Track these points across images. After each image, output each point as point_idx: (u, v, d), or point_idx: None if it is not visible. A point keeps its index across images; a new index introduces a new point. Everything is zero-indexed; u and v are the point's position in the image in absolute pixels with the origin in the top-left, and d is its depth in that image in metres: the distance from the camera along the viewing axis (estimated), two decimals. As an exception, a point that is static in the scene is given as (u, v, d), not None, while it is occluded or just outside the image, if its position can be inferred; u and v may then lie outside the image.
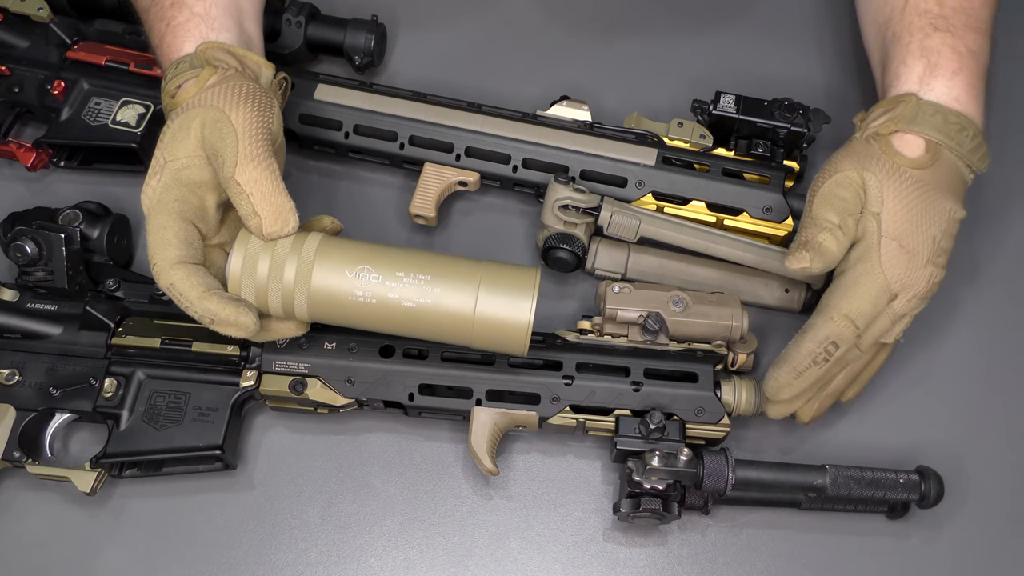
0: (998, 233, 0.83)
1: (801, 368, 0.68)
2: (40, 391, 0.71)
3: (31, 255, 0.71)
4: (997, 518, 0.73)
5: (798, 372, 0.68)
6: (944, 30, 0.71)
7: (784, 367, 0.69)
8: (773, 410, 0.71)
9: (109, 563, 0.71)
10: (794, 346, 0.69)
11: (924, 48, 0.71)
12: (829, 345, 0.67)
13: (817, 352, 0.68)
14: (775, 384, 0.69)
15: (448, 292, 0.64)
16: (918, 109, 0.69)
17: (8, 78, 0.81)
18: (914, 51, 0.72)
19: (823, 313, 0.68)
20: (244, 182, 0.63)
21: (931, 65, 0.71)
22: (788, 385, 0.68)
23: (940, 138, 0.69)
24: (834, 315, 0.67)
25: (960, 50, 0.71)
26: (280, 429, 0.75)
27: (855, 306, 0.67)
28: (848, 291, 0.68)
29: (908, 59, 0.72)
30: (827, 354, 0.67)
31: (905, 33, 0.73)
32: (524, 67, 0.90)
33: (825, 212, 0.68)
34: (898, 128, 0.69)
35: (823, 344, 0.67)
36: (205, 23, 0.69)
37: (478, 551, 0.72)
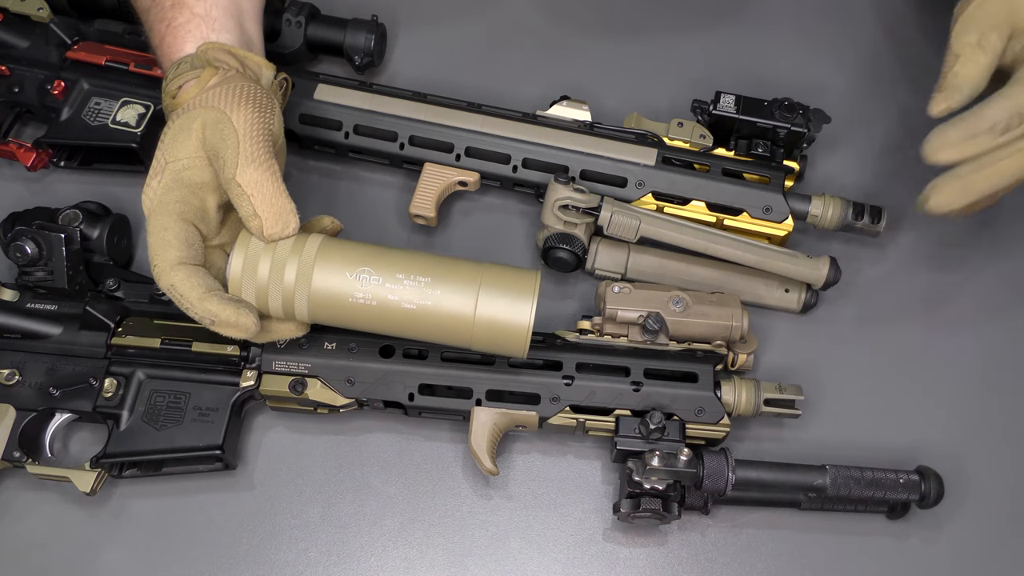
0: (999, 234, 0.83)
1: (977, 131, 0.62)
2: (40, 391, 0.71)
3: (31, 255, 0.71)
4: (997, 518, 0.73)
5: (972, 134, 0.62)
6: None
7: (958, 125, 0.63)
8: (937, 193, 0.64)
9: (109, 563, 0.71)
10: (977, 109, 0.63)
11: None
12: (1015, 116, 0.62)
13: (999, 119, 0.62)
14: (941, 140, 0.63)
15: (448, 294, 0.64)
16: None
17: (8, 78, 0.81)
18: None
19: (1017, 83, 0.63)
20: (245, 183, 0.63)
21: None
22: (955, 146, 0.63)
23: None
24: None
25: None
26: (280, 429, 0.75)
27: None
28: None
29: None
30: (1008, 125, 0.62)
31: None
32: (524, 67, 0.90)
33: (963, 36, 0.64)
34: None
35: (1010, 111, 0.62)
36: (206, 24, 0.69)
37: (478, 551, 0.72)
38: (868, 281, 0.81)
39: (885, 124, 0.87)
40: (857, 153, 0.87)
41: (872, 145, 0.87)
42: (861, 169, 0.86)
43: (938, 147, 0.63)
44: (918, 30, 0.87)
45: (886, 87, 0.90)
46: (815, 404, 0.76)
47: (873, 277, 0.82)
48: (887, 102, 0.89)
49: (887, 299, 0.81)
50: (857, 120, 0.88)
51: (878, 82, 0.90)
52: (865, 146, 0.87)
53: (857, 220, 0.78)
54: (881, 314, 0.80)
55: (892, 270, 0.82)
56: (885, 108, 0.89)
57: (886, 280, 0.81)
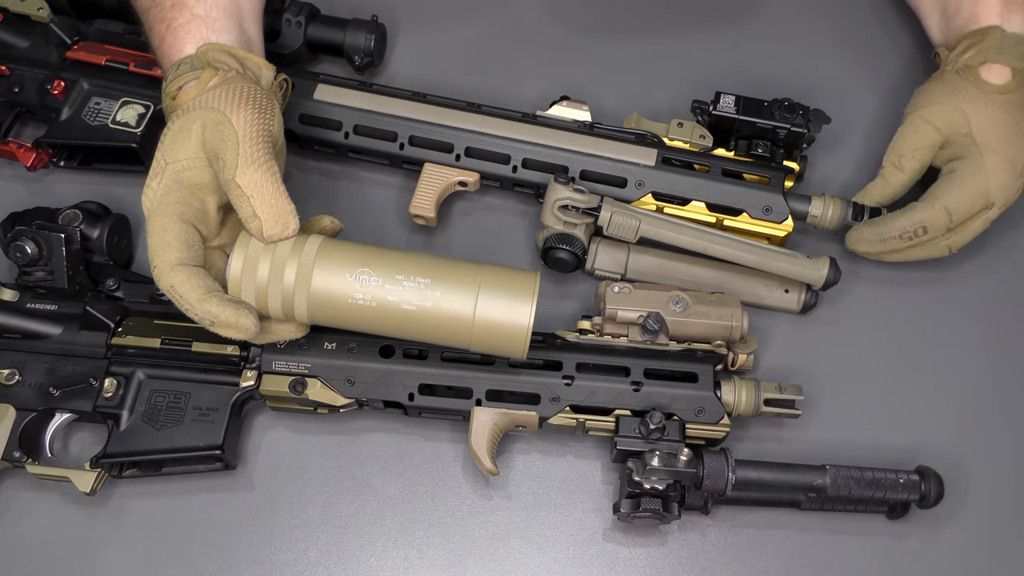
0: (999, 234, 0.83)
1: (887, 236, 0.75)
2: (40, 391, 0.71)
3: (31, 255, 0.71)
4: (997, 518, 0.73)
5: (882, 238, 0.75)
6: None
7: (873, 228, 0.76)
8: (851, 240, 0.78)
9: (109, 563, 0.71)
10: (890, 218, 0.76)
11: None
12: (920, 228, 0.74)
13: (907, 230, 0.75)
14: (857, 235, 0.77)
15: (448, 295, 0.64)
16: (1003, 41, 0.75)
17: (8, 78, 0.81)
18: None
19: (926, 200, 0.75)
20: (244, 184, 0.63)
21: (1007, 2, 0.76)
22: (868, 242, 0.76)
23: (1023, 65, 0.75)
24: (935, 205, 0.74)
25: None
26: (280, 429, 0.75)
27: (956, 201, 0.74)
28: (953, 187, 0.74)
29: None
30: (915, 235, 0.75)
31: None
32: (524, 67, 0.90)
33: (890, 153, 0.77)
34: (986, 59, 0.75)
35: (916, 226, 0.74)
36: (206, 24, 0.69)
37: (478, 551, 0.72)
38: (868, 281, 0.81)
39: (885, 125, 0.86)
40: (857, 153, 0.87)
41: (872, 145, 0.86)
42: (861, 169, 0.86)
43: (855, 241, 0.78)
44: (918, 30, 0.87)
45: (886, 87, 0.90)
46: (815, 404, 0.76)
47: (873, 277, 0.82)
48: (887, 102, 0.89)
49: (887, 299, 0.81)
50: (857, 120, 0.88)
51: (878, 82, 0.90)
52: (865, 146, 0.87)
53: (857, 220, 0.78)
54: (881, 314, 0.81)
55: (892, 270, 0.82)
56: (885, 108, 0.89)
57: (886, 280, 0.81)
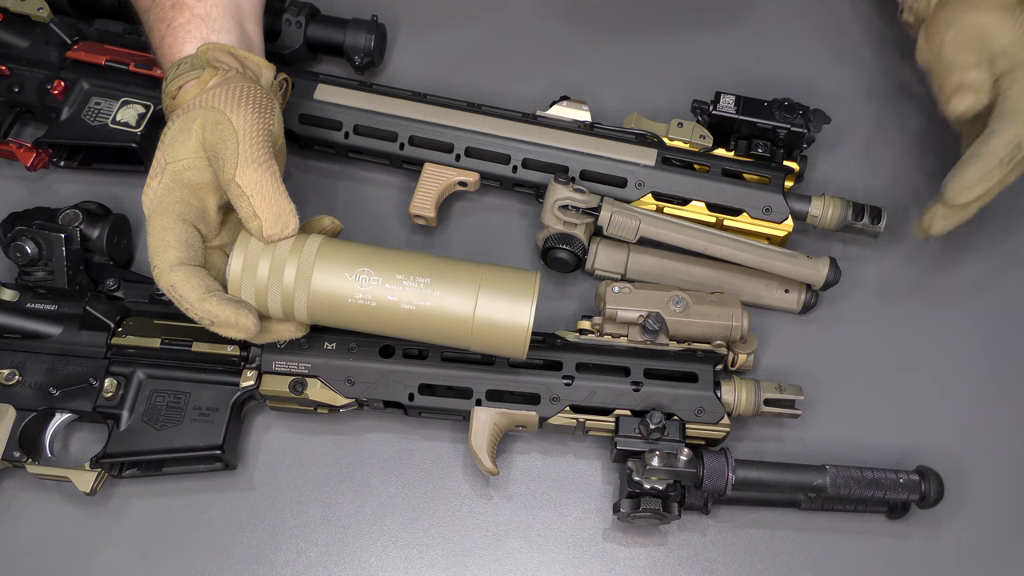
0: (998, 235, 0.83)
1: (990, 167, 0.70)
2: (40, 391, 0.71)
3: (31, 255, 0.71)
4: (997, 518, 0.73)
5: (987, 171, 0.70)
6: None
7: (972, 166, 0.70)
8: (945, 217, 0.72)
9: (109, 563, 0.71)
10: (982, 147, 0.70)
11: None
12: (1016, 146, 0.69)
13: (1004, 153, 0.69)
14: (961, 184, 0.70)
15: (448, 295, 0.64)
16: None
17: (8, 78, 0.81)
18: None
19: (1007, 115, 0.70)
20: (244, 184, 0.63)
21: None
22: (975, 185, 0.70)
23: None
24: (1016, 119, 0.69)
25: None
26: (280, 429, 0.75)
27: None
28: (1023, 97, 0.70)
29: None
30: (1012, 155, 0.69)
31: None
32: (524, 67, 0.90)
33: (960, 56, 0.71)
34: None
35: (1011, 144, 0.69)
36: (206, 24, 0.69)
37: (478, 551, 0.72)
38: (868, 281, 0.81)
39: (885, 124, 0.87)
40: (857, 153, 0.87)
41: (872, 145, 0.87)
42: (861, 169, 0.86)
43: (960, 189, 0.71)
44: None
45: (886, 87, 0.90)
46: (815, 404, 0.76)
47: (873, 277, 0.82)
48: (887, 102, 0.89)
49: (887, 299, 0.81)
50: (857, 120, 0.88)
51: (878, 82, 0.90)
52: (865, 146, 0.87)
53: (857, 220, 0.78)
54: (881, 314, 0.81)
55: (892, 270, 0.82)
56: (884, 108, 0.89)
57: (886, 280, 0.81)
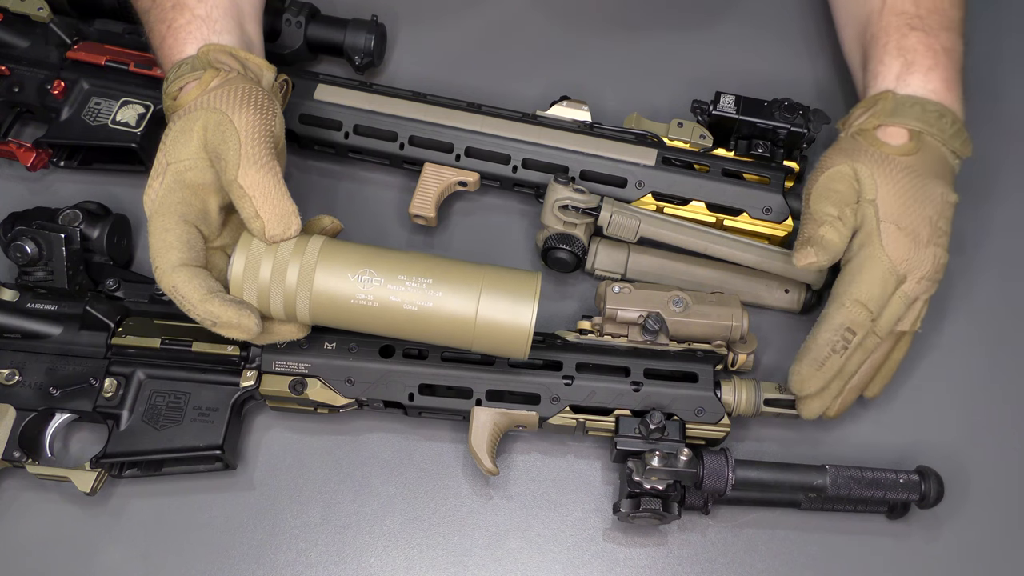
0: (998, 234, 0.83)
1: (821, 358, 0.69)
2: (40, 391, 0.71)
3: (31, 255, 0.71)
4: (997, 518, 0.73)
5: (819, 363, 0.69)
6: (920, 29, 0.74)
7: (805, 360, 0.70)
8: (805, 408, 0.71)
9: (109, 563, 0.71)
10: (811, 338, 0.70)
11: (901, 47, 0.74)
12: (845, 332, 0.68)
13: (835, 340, 0.69)
14: (798, 378, 0.70)
15: (450, 296, 0.64)
16: (896, 103, 0.72)
17: (8, 78, 0.81)
18: (891, 51, 0.74)
19: (835, 301, 0.70)
20: (246, 185, 0.63)
21: (908, 63, 0.73)
22: (811, 377, 0.69)
23: (921, 126, 0.71)
24: (845, 301, 0.69)
25: (935, 47, 0.73)
26: (280, 429, 0.75)
27: (864, 290, 0.68)
28: (856, 277, 0.69)
29: (886, 58, 0.74)
30: (845, 341, 0.69)
31: (883, 34, 0.75)
32: (524, 67, 0.90)
33: (823, 206, 0.70)
34: (880, 122, 0.72)
35: (839, 332, 0.69)
36: (206, 25, 0.69)
37: (478, 551, 0.72)
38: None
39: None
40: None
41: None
42: (861, 169, 0.86)
43: (800, 383, 0.70)
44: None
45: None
46: (815, 404, 0.76)
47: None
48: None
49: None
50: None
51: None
52: (865, 146, 0.87)
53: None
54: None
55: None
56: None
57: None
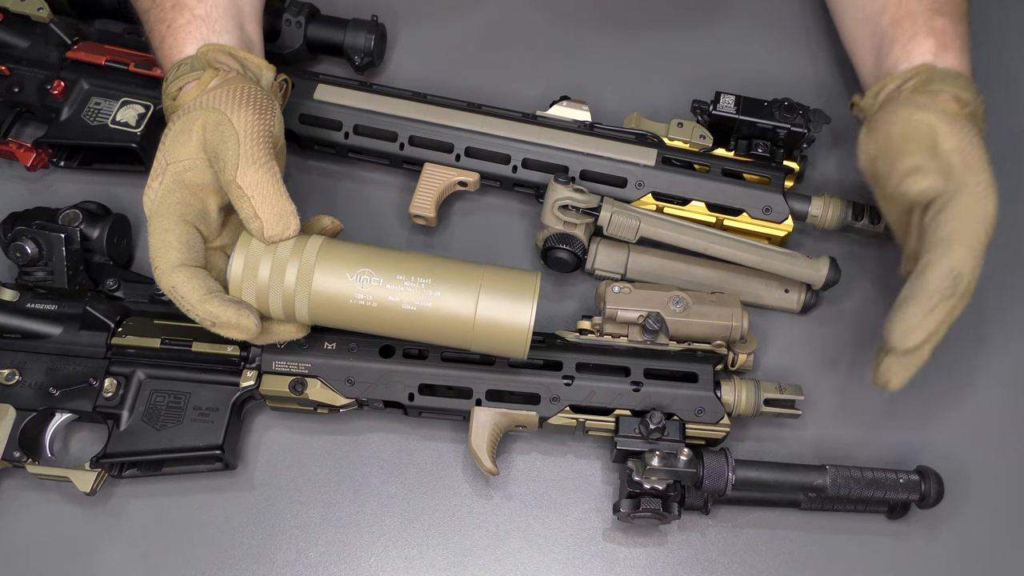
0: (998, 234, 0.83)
1: (932, 304, 0.64)
2: (40, 391, 0.71)
3: (31, 255, 0.71)
4: (997, 518, 0.73)
5: (929, 309, 0.64)
6: (945, 15, 0.75)
7: (914, 306, 0.65)
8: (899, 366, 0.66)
9: (109, 563, 0.71)
10: (917, 286, 0.66)
11: (931, 29, 0.74)
12: (955, 277, 0.65)
13: (944, 286, 0.64)
14: (906, 325, 0.65)
15: (449, 295, 0.64)
16: (941, 74, 0.72)
17: (8, 78, 0.81)
18: (922, 31, 0.74)
19: (940, 246, 0.66)
20: (245, 185, 0.63)
21: (941, 43, 0.73)
22: (920, 325, 0.65)
23: (970, 97, 0.71)
24: (953, 245, 0.65)
25: (961, 33, 0.74)
26: (280, 429, 0.75)
27: (969, 235, 0.66)
28: (958, 221, 0.66)
29: (918, 37, 0.74)
30: (954, 287, 0.64)
31: (907, 18, 0.75)
32: (524, 67, 0.90)
33: (910, 144, 0.68)
34: (930, 88, 0.71)
35: (948, 276, 0.65)
36: (206, 25, 0.69)
37: (478, 551, 0.72)
38: (868, 281, 0.81)
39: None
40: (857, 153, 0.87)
41: (872, 145, 0.86)
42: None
43: (905, 333, 0.65)
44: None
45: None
46: (815, 404, 0.76)
47: (873, 277, 0.82)
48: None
49: (887, 299, 0.81)
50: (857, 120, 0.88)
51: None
52: (865, 146, 0.87)
53: (857, 220, 0.78)
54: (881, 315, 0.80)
55: (892, 270, 0.82)
56: (885, 108, 0.89)
57: (885, 280, 0.81)
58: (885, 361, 0.67)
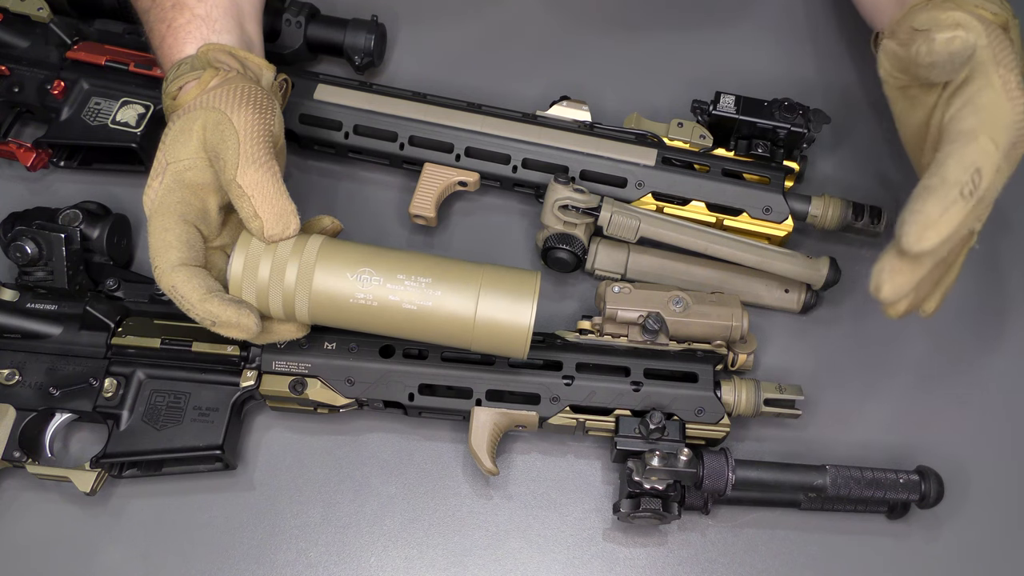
0: (996, 234, 0.83)
1: (950, 199, 0.57)
2: (40, 391, 0.71)
3: (31, 255, 0.71)
4: (997, 518, 0.73)
5: (949, 203, 0.57)
6: None
7: (931, 200, 0.58)
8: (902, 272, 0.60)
9: (109, 563, 0.71)
10: (935, 177, 0.59)
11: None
12: (975, 173, 0.58)
13: (964, 180, 0.58)
14: (923, 220, 0.58)
15: (449, 295, 0.64)
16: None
17: (8, 78, 0.81)
18: None
19: (962, 136, 0.60)
20: (245, 184, 0.63)
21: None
22: (937, 222, 0.57)
23: (997, 8, 0.65)
24: (978, 135, 0.59)
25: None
26: (280, 429, 0.75)
27: (995, 130, 0.59)
28: (985, 113, 0.60)
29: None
30: (973, 185, 0.58)
31: None
32: (524, 67, 0.90)
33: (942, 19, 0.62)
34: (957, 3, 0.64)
35: (970, 170, 0.58)
36: (206, 25, 0.69)
37: (478, 551, 0.72)
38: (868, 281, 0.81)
39: (885, 124, 0.87)
40: (857, 153, 0.87)
41: (872, 145, 0.87)
42: (861, 169, 0.86)
43: (922, 230, 0.58)
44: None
45: (886, 87, 0.90)
46: (815, 404, 0.76)
47: (873, 277, 0.82)
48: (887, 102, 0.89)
49: (887, 299, 0.81)
50: (857, 120, 0.88)
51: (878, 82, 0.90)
52: (865, 146, 0.87)
53: (857, 220, 0.78)
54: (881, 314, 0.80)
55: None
56: (885, 108, 0.88)
57: (886, 280, 0.81)
58: (886, 259, 0.60)
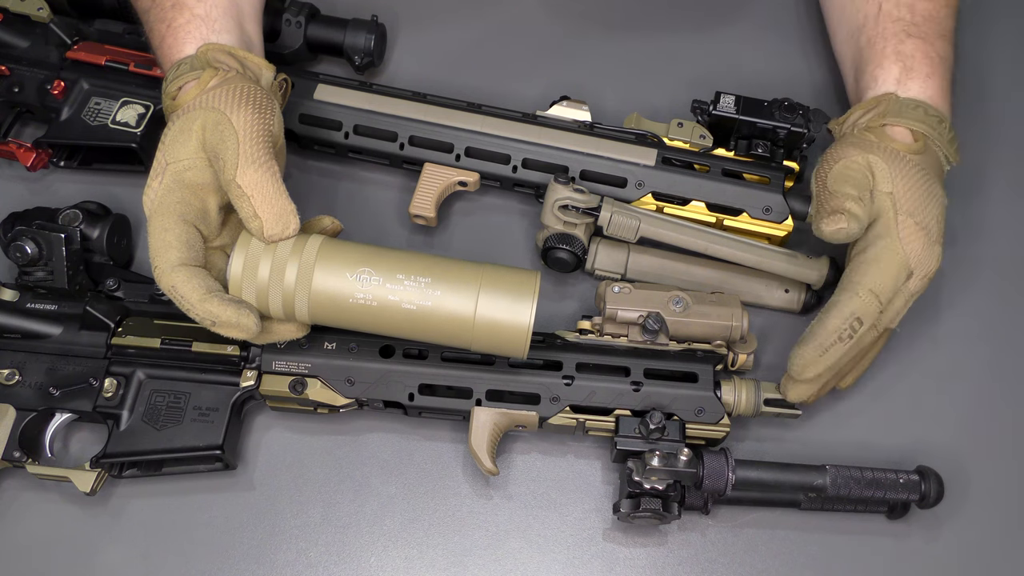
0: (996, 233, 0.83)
1: (827, 344, 0.68)
2: (40, 391, 0.71)
3: (31, 255, 0.71)
4: (997, 518, 0.73)
5: (824, 349, 0.68)
6: (917, 36, 0.75)
7: (810, 344, 0.69)
8: (795, 390, 0.71)
9: (109, 563, 0.71)
10: (819, 324, 0.69)
11: (899, 52, 0.74)
12: (854, 321, 0.68)
13: (843, 328, 0.68)
14: (801, 362, 0.69)
15: (449, 295, 0.64)
16: (900, 104, 0.72)
17: (8, 78, 0.81)
18: (890, 55, 0.75)
19: (847, 290, 0.69)
20: (245, 184, 0.63)
21: (907, 68, 0.74)
22: (814, 362, 0.69)
23: (925, 129, 0.72)
24: (859, 290, 0.68)
25: (931, 55, 0.74)
26: (280, 429, 0.75)
27: (879, 281, 0.68)
28: (871, 266, 0.69)
29: (884, 63, 0.75)
30: (852, 330, 0.68)
31: (879, 39, 0.75)
32: (524, 67, 0.90)
33: (843, 187, 0.70)
34: (886, 121, 0.72)
35: (848, 320, 0.68)
36: (206, 25, 0.69)
37: (478, 551, 0.72)
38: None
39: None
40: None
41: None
42: (861, 169, 0.86)
43: (802, 367, 0.69)
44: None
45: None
46: (815, 404, 0.76)
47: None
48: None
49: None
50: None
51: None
52: (865, 146, 0.87)
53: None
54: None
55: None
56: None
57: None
58: (784, 378, 0.72)
